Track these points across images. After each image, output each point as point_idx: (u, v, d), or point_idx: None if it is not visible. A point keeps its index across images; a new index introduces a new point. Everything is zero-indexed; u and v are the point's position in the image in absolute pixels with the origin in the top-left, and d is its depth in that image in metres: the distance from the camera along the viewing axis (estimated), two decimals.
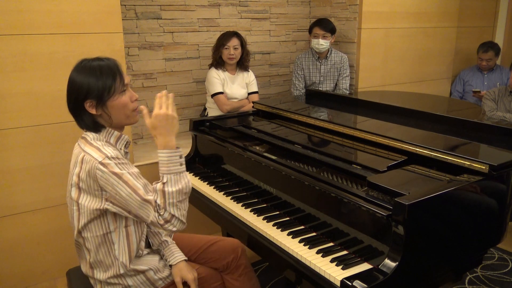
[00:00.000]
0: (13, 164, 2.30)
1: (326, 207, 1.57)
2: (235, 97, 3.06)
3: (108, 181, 1.35)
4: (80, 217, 1.44)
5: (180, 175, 1.42)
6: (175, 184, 1.40)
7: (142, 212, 1.39)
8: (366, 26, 3.42)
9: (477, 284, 2.45)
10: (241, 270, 1.74)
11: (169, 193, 1.39)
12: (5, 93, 2.21)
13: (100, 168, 1.35)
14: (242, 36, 3.01)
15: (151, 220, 1.39)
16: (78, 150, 1.46)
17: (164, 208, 1.39)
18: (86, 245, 1.49)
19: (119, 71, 1.47)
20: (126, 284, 1.53)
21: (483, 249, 1.58)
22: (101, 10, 2.37)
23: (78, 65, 1.48)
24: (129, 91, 1.50)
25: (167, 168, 1.41)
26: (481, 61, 4.09)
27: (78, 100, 1.43)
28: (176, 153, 1.43)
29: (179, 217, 1.42)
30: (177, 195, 1.40)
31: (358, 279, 1.25)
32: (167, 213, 1.39)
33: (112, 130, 1.50)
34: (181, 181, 1.42)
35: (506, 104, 3.19)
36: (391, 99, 2.77)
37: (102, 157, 1.37)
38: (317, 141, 2.02)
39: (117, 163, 1.38)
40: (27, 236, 2.42)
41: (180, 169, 1.43)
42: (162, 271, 1.59)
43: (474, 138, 1.79)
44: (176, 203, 1.40)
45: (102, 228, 1.45)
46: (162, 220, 1.39)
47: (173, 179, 1.40)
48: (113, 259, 1.49)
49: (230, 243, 1.78)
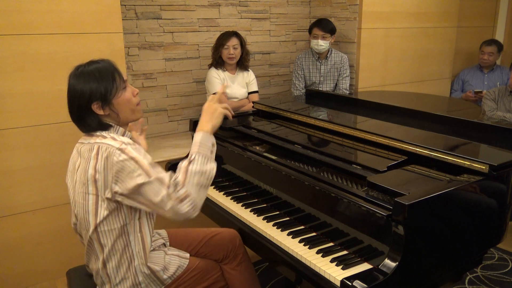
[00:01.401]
0: (13, 164, 2.30)
1: (326, 207, 1.57)
2: (235, 97, 3.06)
3: (124, 167, 1.36)
4: (98, 210, 1.43)
5: (207, 159, 1.44)
6: (201, 165, 1.41)
7: (153, 192, 1.35)
8: (366, 26, 3.42)
9: (477, 284, 2.45)
10: (239, 259, 1.75)
11: (192, 171, 1.39)
12: (5, 93, 2.22)
13: (117, 154, 1.36)
14: (242, 36, 3.01)
15: (162, 197, 1.35)
16: (86, 146, 1.46)
17: (183, 184, 1.37)
18: (101, 240, 1.48)
19: (117, 70, 1.50)
20: (137, 281, 1.53)
21: (483, 249, 1.58)
22: (101, 10, 2.37)
23: (75, 72, 1.48)
24: (129, 87, 1.54)
25: (197, 148, 1.44)
26: (483, 54, 4.07)
27: (81, 106, 1.44)
28: (209, 137, 1.48)
29: (194, 200, 1.38)
30: (199, 176, 1.40)
31: (358, 279, 1.25)
32: (184, 190, 1.36)
33: (118, 127, 1.52)
34: (207, 164, 1.43)
35: (506, 104, 3.19)
36: (391, 99, 2.77)
37: (119, 144, 1.39)
38: (317, 141, 2.02)
39: (134, 148, 1.40)
40: (27, 236, 2.42)
41: (209, 155, 1.45)
42: (168, 268, 1.59)
43: (474, 138, 1.79)
44: (197, 184, 1.39)
45: (119, 220, 1.45)
46: (176, 196, 1.35)
47: (200, 159, 1.42)
48: (130, 253, 1.49)
49: (228, 234, 1.79)
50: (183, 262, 1.63)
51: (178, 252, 1.67)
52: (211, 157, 1.46)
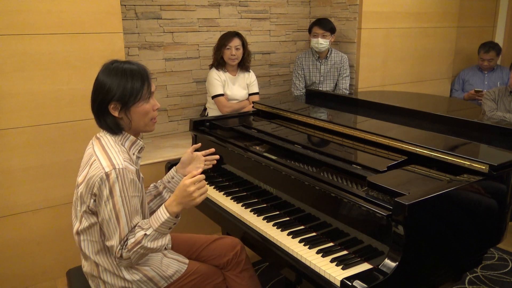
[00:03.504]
0: (13, 164, 2.30)
1: (326, 207, 1.57)
2: (235, 98, 3.06)
3: (102, 194, 1.38)
4: (83, 218, 1.47)
5: (162, 236, 1.44)
6: (153, 242, 1.42)
7: (108, 232, 1.41)
8: (366, 26, 3.42)
9: (477, 284, 2.45)
10: (241, 267, 1.75)
11: (143, 246, 1.40)
12: (5, 93, 2.21)
13: (103, 178, 1.37)
14: (244, 37, 3.00)
15: (112, 245, 1.40)
16: (91, 150, 1.48)
17: (129, 250, 1.39)
18: (83, 247, 1.51)
19: (148, 78, 1.49)
20: (128, 284, 1.53)
21: (483, 249, 1.58)
22: (101, 10, 2.37)
23: (108, 66, 1.47)
24: (152, 99, 1.52)
25: (158, 226, 1.42)
26: (483, 61, 4.09)
27: (104, 101, 1.44)
28: (174, 220, 1.44)
29: (131, 263, 1.44)
30: (146, 250, 1.42)
31: (358, 279, 1.25)
32: (128, 255, 1.40)
33: (128, 135, 1.52)
34: (160, 241, 1.43)
35: (506, 104, 3.19)
36: (391, 99, 2.77)
37: (110, 168, 1.38)
38: (317, 141, 2.02)
39: (122, 180, 1.39)
40: (27, 236, 2.42)
41: (166, 231, 1.45)
42: (165, 271, 1.59)
43: (474, 138, 1.79)
44: (142, 255, 1.43)
45: (100, 234, 1.48)
46: (119, 253, 1.40)
47: (155, 236, 1.42)
48: (113, 261, 1.51)
49: (229, 241, 1.78)
50: (182, 267, 1.63)
51: (177, 256, 1.67)
52: (167, 233, 1.46)
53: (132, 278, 1.52)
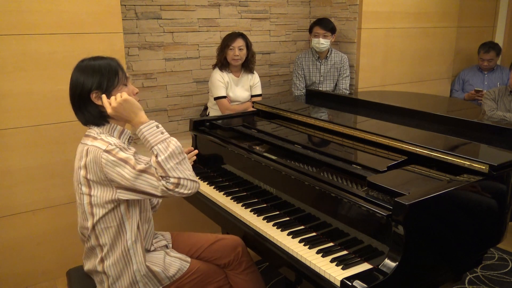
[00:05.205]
0: (13, 164, 2.30)
1: (326, 207, 1.57)
2: (238, 100, 3.05)
3: (114, 168, 1.39)
4: (94, 210, 1.47)
5: (166, 141, 1.45)
6: (165, 151, 1.43)
7: (149, 186, 1.40)
8: (366, 26, 3.42)
9: (477, 284, 2.45)
10: (243, 266, 1.76)
11: (163, 161, 1.41)
12: (5, 93, 2.21)
13: (105, 155, 1.39)
14: (248, 38, 2.99)
15: (161, 189, 1.40)
16: (82, 146, 1.50)
17: (166, 175, 1.41)
18: (99, 239, 1.50)
19: (120, 67, 1.54)
20: (135, 280, 1.53)
21: (483, 249, 1.58)
22: (101, 10, 2.37)
23: (79, 65, 1.53)
24: (130, 85, 1.57)
25: (151, 141, 1.44)
26: (483, 61, 4.09)
27: (83, 93, 1.48)
28: (151, 124, 1.47)
29: (187, 177, 1.43)
30: (171, 159, 1.42)
31: (358, 279, 1.25)
32: (172, 178, 1.41)
33: (115, 125, 1.54)
34: (169, 146, 1.45)
35: (506, 103, 3.19)
36: (391, 99, 2.77)
37: (106, 145, 1.41)
38: (317, 141, 2.02)
39: (122, 147, 1.43)
40: (27, 236, 2.42)
41: (163, 137, 1.46)
42: (168, 269, 1.59)
43: (474, 138, 1.79)
44: (175, 166, 1.42)
45: (116, 219, 1.48)
46: (171, 185, 1.40)
47: (161, 147, 1.43)
48: (127, 251, 1.51)
49: (231, 241, 1.78)
50: (184, 265, 1.63)
51: (180, 255, 1.68)
52: (166, 137, 1.47)
53: (138, 268, 1.53)
